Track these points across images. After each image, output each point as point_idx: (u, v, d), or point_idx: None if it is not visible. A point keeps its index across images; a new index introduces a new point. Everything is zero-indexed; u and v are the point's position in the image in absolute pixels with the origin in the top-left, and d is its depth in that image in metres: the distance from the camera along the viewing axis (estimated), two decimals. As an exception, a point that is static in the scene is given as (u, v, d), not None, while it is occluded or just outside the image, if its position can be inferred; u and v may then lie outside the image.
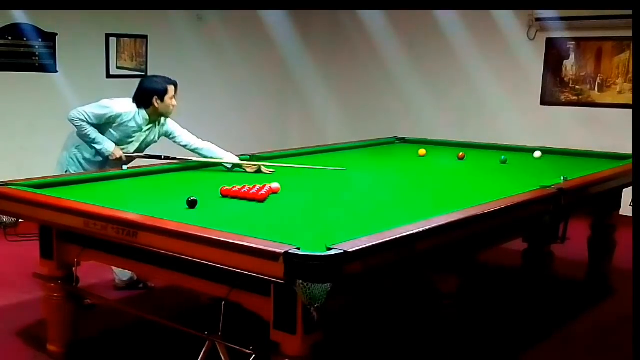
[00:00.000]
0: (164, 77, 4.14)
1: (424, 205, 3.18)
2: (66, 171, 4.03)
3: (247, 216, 2.90)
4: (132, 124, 4.05)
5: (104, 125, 4.03)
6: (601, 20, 6.37)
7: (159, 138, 4.25)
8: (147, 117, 4.08)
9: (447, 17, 6.97)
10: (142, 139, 4.16)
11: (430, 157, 4.83)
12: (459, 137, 5.98)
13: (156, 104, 4.04)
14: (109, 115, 3.99)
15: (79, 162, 4.08)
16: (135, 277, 4.27)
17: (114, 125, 4.03)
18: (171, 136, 4.25)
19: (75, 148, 4.08)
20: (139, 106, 4.06)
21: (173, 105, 4.10)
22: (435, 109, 7.34)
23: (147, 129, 4.14)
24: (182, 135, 4.24)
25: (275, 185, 3.27)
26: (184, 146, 4.22)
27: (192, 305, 3.76)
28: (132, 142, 4.12)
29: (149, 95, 4.04)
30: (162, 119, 4.17)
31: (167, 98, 4.05)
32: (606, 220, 4.56)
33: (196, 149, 4.18)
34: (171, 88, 4.08)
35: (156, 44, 6.80)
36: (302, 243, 2.21)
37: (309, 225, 2.78)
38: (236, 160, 4.09)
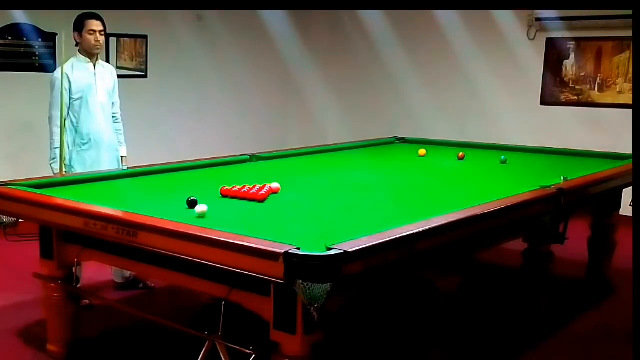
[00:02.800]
0: (86, 13, 4.16)
1: (424, 205, 3.17)
2: (70, 168, 4.12)
3: (247, 216, 2.90)
4: (81, 72, 4.10)
5: (75, 99, 4.09)
6: (601, 20, 6.37)
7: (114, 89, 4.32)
8: (82, 57, 4.13)
9: (447, 17, 6.97)
10: (100, 82, 4.18)
11: (430, 157, 4.83)
12: (459, 137, 5.98)
13: (77, 39, 4.11)
14: (67, 82, 4.03)
15: (78, 156, 4.15)
16: (132, 276, 4.27)
17: (74, 87, 4.07)
18: (113, 88, 4.34)
19: (74, 144, 4.15)
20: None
21: (96, 41, 4.11)
22: (435, 109, 7.34)
23: (100, 72, 4.19)
24: (116, 95, 4.35)
25: (275, 185, 3.27)
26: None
27: (192, 305, 3.76)
28: (97, 90, 4.14)
29: (73, 33, 4.13)
30: (101, 61, 4.26)
31: (84, 32, 4.08)
32: (606, 220, 4.56)
33: (114, 115, 4.34)
34: (90, 22, 4.10)
35: (156, 44, 6.80)
36: (302, 243, 2.21)
37: (309, 225, 2.78)
38: (124, 154, 4.38)
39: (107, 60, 6.46)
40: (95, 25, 4.10)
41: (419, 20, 7.37)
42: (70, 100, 4.08)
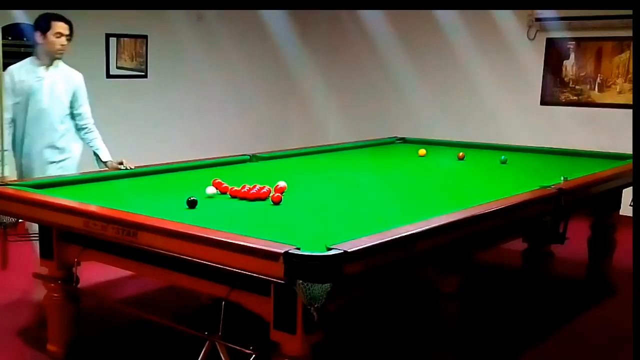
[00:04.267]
0: (54, 14, 3.93)
1: (424, 205, 3.18)
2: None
3: (247, 216, 2.90)
4: (28, 75, 3.90)
5: (15, 102, 3.90)
6: (601, 20, 6.37)
7: (71, 97, 4.02)
8: (38, 59, 3.91)
9: (447, 17, 6.97)
10: (49, 88, 3.92)
11: (430, 157, 4.83)
12: (459, 137, 5.98)
13: (39, 40, 3.87)
14: (11, 82, 3.88)
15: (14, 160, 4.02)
16: None
17: (17, 88, 3.88)
18: (74, 98, 4.03)
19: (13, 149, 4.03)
20: (33, 53, 3.96)
21: (61, 45, 3.88)
22: (435, 109, 7.34)
23: (52, 77, 3.94)
24: (83, 106, 4.06)
25: (282, 184, 3.25)
26: (77, 115, 4.05)
27: (192, 305, 3.76)
28: (41, 97, 3.91)
29: (34, 32, 3.89)
30: (63, 66, 4.01)
31: (49, 34, 3.84)
32: (606, 220, 4.56)
33: (85, 127, 4.06)
34: (57, 24, 3.86)
35: (156, 44, 6.80)
36: (302, 243, 2.21)
37: (309, 225, 2.78)
38: (106, 159, 4.03)
39: (107, 60, 6.48)
40: (63, 28, 3.87)
41: (419, 20, 7.37)
42: (20, 101, 3.90)
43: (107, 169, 3.95)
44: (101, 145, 4.10)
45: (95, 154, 4.08)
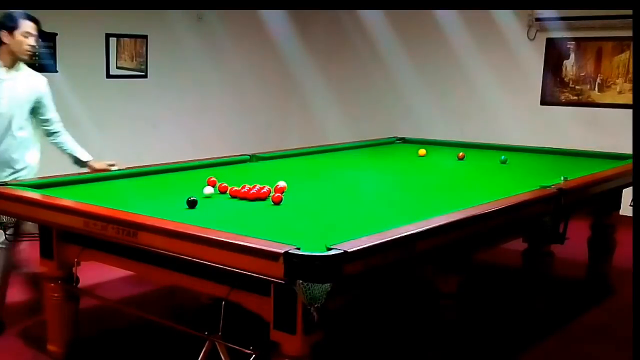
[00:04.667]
0: (23, 12, 3.65)
1: (424, 205, 3.18)
2: None
3: (247, 216, 2.90)
4: None
5: None
6: (601, 20, 6.37)
7: (34, 103, 3.72)
8: (1, 61, 3.63)
9: (447, 17, 6.97)
10: (8, 92, 3.63)
11: (430, 157, 4.83)
12: (459, 137, 5.98)
13: (5, 40, 3.58)
14: None
15: None
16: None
17: None
18: (40, 104, 3.76)
19: None
20: None
21: (29, 45, 3.61)
22: (435, 109, 7.34)
23: (12, 81, 3.65)
24: (51, 111, 3.80)
25: (282, 184, 3.25)
26: (45, 121, 3.79)
27: (192, 305, 3.76)
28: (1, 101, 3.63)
29: (1, 32, 3.60)
30: (26, 69, 3.75)
31: (17, 33, 3.57)
32: (606, 220, 4.56)
33: (56, 132, 3.82)
34: (25, 23, 3.61)
35: (156, 44, 6.80)
36: (302, 243, 2.21)
37: (309, 225, 2.78)
38: (87, 158, 3.82)
39: (107, 60, 6.47)
40: (32, 27, 3.63)
41: (419, 20, 7.37)
42: None
43: (89, 170, 3.78)
44: (76, 146, 3.87)
45: (73, 157, 3.86)
